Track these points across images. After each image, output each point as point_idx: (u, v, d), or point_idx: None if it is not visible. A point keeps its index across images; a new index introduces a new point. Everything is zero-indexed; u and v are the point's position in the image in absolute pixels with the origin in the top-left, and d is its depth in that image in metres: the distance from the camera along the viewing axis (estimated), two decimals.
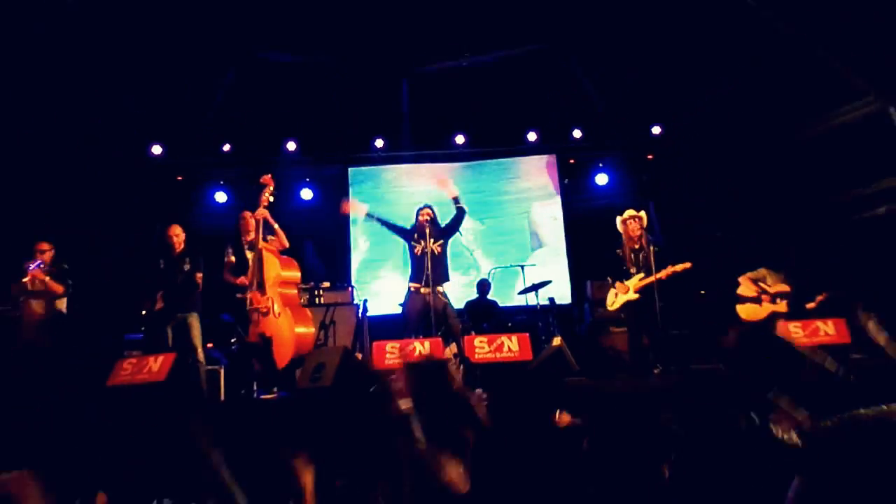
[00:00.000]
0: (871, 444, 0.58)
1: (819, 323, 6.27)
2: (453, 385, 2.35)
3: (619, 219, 6.86)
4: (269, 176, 6.57)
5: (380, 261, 10.51)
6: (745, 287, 7.21)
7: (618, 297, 6.84)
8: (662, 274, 6.40)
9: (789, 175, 9.35)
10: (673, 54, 9.29)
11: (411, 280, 6.78)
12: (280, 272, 6.38)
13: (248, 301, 6.24)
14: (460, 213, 6.93)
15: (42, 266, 6.64)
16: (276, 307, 6.22)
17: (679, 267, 6.42)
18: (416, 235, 6.77)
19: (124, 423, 4.90)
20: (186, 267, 6.55)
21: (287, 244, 6.62)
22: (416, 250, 6.73)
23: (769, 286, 7.08)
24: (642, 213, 6.83)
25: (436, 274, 6.57)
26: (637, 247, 6.71)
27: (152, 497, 2.64)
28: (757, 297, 7.10)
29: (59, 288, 6.71)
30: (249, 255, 6.51)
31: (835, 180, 8.92)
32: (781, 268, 7.12)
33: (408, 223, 6.96)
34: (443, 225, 6.92)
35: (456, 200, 6.97)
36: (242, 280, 6.42)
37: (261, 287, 6.22)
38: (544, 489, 2.01)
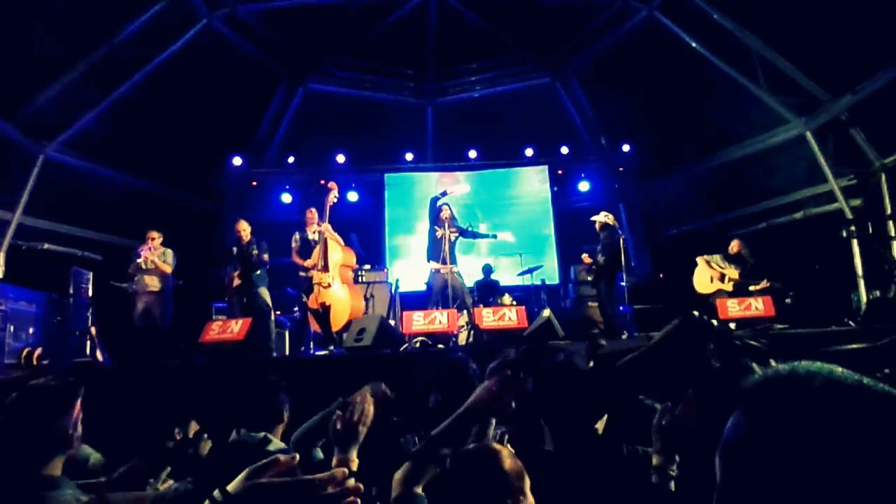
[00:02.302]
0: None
1: (751, 300, 6.22)
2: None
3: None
4: (334, 182, 6.63)
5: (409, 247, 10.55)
6: (702, 265, 7.16)
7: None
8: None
9: (729, 183, 9.26)
10: (640, 89, 9.18)
11: (431, 259, 6.82)
12: (341, 256, 6.45)
13: (313, 277, 6.24)
14: (484, 236, 7.89)
15: (152, 250, 6.66)
16: (336, 283, 6.27)
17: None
18: (436, 225, 6.86)
19: (212, 369, 5.01)
20: (255, 251, 6.50)
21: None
22: (437, 234, 6.82)
23: (721, 268, 7.01)
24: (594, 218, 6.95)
25: (451, 255, 6.68)
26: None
27: (231, 427, 2.62)
28: (709, 275, 7.05)
29: (165, 267, 6.73)
30: (311, 241, 6.55)
31: (762, 190, 8.84)
32: (733, 259, 7.06)
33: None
34: (463, 226, 7.06)
35: (495, 236, 7.76)
36: (307, 262, 6.41)
37: (325, 267, 6.26)
38: None
